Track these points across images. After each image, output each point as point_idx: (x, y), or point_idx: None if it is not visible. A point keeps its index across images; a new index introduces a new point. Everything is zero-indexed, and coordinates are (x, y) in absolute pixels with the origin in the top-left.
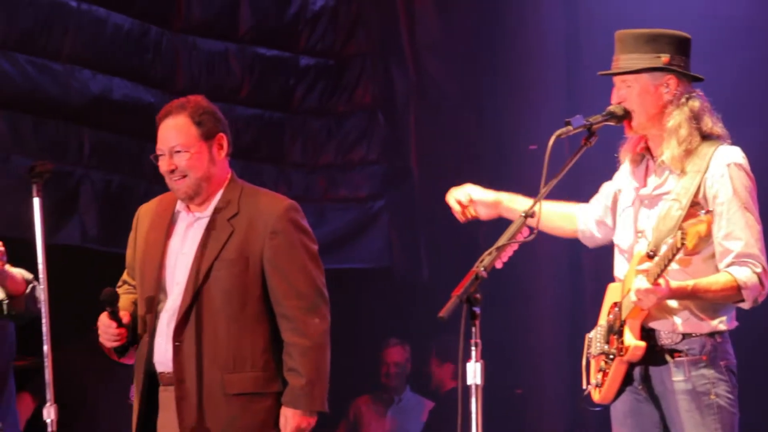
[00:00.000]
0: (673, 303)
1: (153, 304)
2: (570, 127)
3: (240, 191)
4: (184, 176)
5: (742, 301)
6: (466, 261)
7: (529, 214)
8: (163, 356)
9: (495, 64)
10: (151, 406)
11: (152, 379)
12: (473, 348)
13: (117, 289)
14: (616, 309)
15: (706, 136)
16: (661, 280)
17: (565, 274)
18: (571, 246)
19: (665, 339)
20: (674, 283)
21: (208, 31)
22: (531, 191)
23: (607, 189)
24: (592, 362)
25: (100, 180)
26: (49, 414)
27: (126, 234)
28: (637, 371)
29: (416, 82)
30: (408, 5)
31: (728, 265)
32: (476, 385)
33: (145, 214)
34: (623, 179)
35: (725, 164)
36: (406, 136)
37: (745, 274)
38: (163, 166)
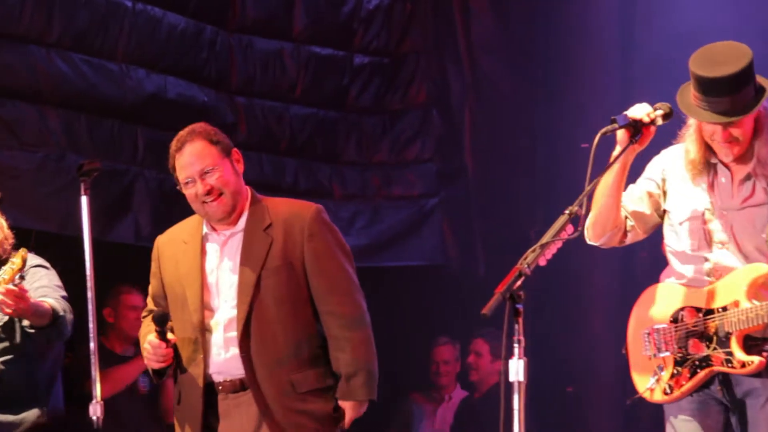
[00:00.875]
0: None
1: (201, 323)
2: (616, 125)
3: (265, 204)
4: (221, 194)
5: None
6: (520, 257)
7: (573, 213)
8: (222, 366)
9: (549, 63)
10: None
11: (208, 391)
12: (516, 345)
13: (146, 319)
14: (700, 315)
15: None
16: None
17: (617, 271)
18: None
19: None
20: None
21: (263, 31)
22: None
23: (650, 184)
24: (642, 359)
25: (153, 179)
26: (95, 411)
27: None
28: (716, 375)
29: (471, 80)
30: (463, 3)
31: None
32: (519, 382)
33: (165, 244)
34: (677, 177)
35: None
36: (460, 134)
37: None
38: (198, 189)
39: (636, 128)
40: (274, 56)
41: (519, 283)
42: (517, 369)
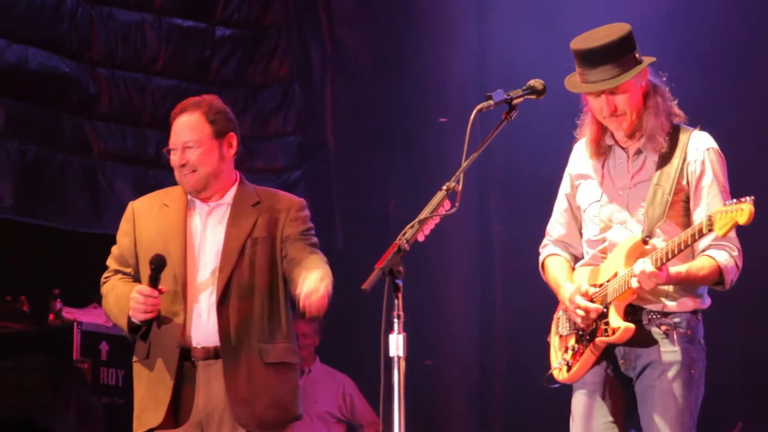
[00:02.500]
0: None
1: (184, 275)
2: (491, 102)
3: (254, 188)
4: (194, 171)
5: (721, 283)
6: (378, 231)
7: (451, 188)
8: (196, 331)
9: (409, 37)
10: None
11: (183, 355)
12: (396, 320)
13: (111, 278)
14: (595, 291)
15: (674, 124)
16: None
17: (475, 246)
18: (481, 218)
19: (650, 316)
20: (672, 269)
21: (124, 2)
22: (442, 163)
23: (564, 201)
24: (557, 341)
25: (15, 150)
26: None
27: (42, 204)
28: (616, 348)
29: (332, 54)
30: None
31: (706, 249)
32: (399, 357)
33: (142, 206)
34: (583, 171)
35: (704, 149)
36: (321, 107)
37: (724, 258)
38: (175, 160)
39: (510, 105)
40: (136, 27)
41: (398, 258)
42: (397, 343)
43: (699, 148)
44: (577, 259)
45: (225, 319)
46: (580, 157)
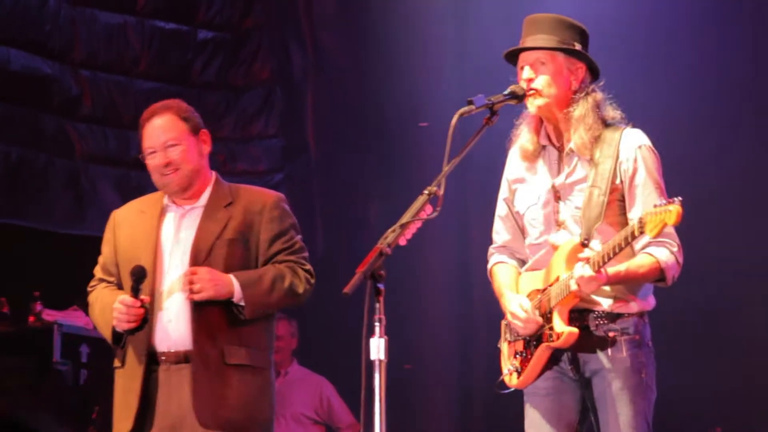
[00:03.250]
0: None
1: (152, 286)
2: (472, 106)
3: (228, 187)
4: (177, 169)
5: (663, 280)
6: (358, 235)
7: (432, 193)
8: (165, 336)
9: (389, 41)
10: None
11: (151, 359)
12: (377, 324)
13: (97, 287)
14: (538, 296)
15: (608, 124)
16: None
17: (453, 249)
18: (459, 220)
19: (597, 321)
20: (611, 269)
21: (107, 4)
22: (423, 166)
23: (504, 206)
24: (506, 348)
25: None
26: None
27: (25, 205)
28: (565, 353)
29: (313, 57)
30: None
31: (646, 246)
32: (380, 361)
33: (123, 214)
34: (519, 174)
35: (636, 147)
36: (303, 110)
37: (665, 255)
38: (158, 160)
39: (492, 110)
40: (118, 30)
41: (380, 262)
42: (378, 347)
43: (631, 146)
44: (524, 263)
45: (192, 322)
46: (515, 161)
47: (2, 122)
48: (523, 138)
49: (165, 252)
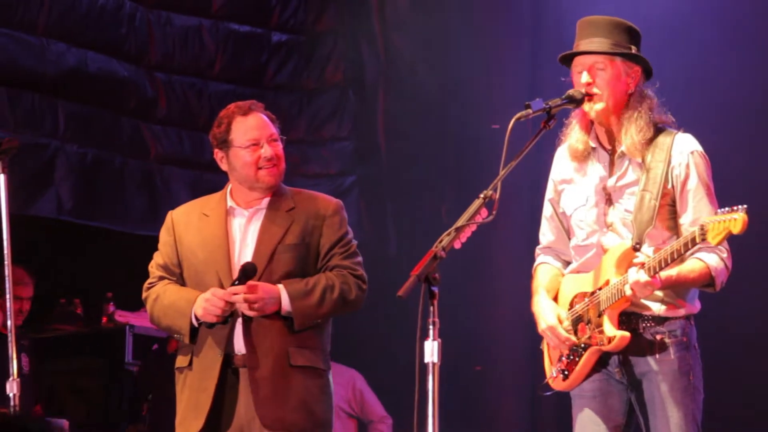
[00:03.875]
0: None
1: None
2: (530, 110)
3: (290, 191)
4: (276, 165)
5: (712, 286)
6: (430, 236)
7: (488, 197)
8: (238, 338)
9: (463, 44)
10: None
11: (225, 362)
12: (431, 327)
13: (158, 283)
14: (586, 299)
15: (660, 128)
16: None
17: (523, 252)
18: (529, 225)
19: (645, 324)
20: (663, 273)
21: (182, 6)
22: (494, 168)
23: (549, 207)
24: (552, 351)
25: (74, 153)
26: (12, 388)
27: (101, 207)
28: (613, 356)
29: (385, 59)
30: None
31: (696, 251)
32: (433, 363)
33: (181, 215)
34: (567, 175)
35: (688, 152)
36: (374, 113)
37: (715, 260)
38: (266, 152)
39: (549, 114)
40: (193, 32)
41: (434, 265)
42: (432, 350)
43: (683, 151)
44: (568, 264)
45: (257, 325)
46: (563, 162)
47: (79, 124)
48: (573, 138)
49: (234, 255)
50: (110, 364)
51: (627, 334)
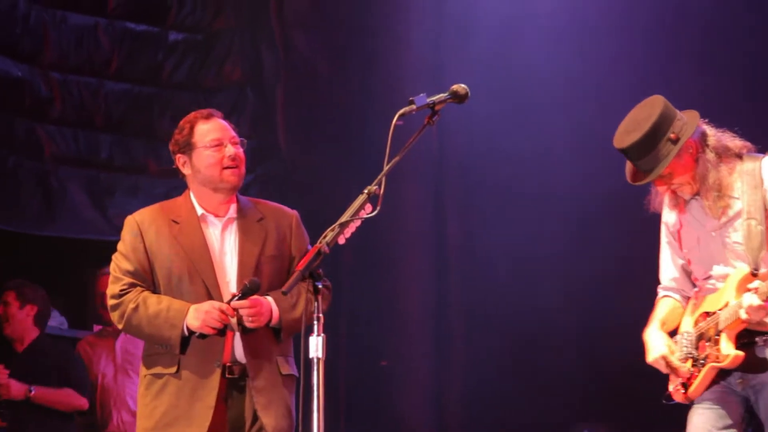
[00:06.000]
0: None
1: (220, 300)
2: (413, 106)
3: (247, 199)
4: (240, 165)
5: None
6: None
7: (372, 192)
8: (237, 349)
9: (362, 42)
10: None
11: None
12: (315, 322)
13: (131, 292)
14: (708, 319)
15: (740, 155)
16: None
17: (427, 246)
18: (433, 219)
19: (763, 340)
20: None
21: (78, 6)
22: (398, 165)
23: (667, 249)
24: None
25: None
26: None
27: None
28: (733, 371)
29: (284, 58)
30: None
31: None
32: (318, 358)
33: (150, 222)
34: (675, 220)
35: None
36: (274, 111)
37: None
38: (229, 152)
39: (433, 110)
40: (89, 32)
41: (318, 261)
42: (317, 345)
43: None
44: (689, 299)
45: (252, 335)
46: (669, 210)
47: None
48: (666, 211)
49: (217, 266)
50: None
51: (741, 353)
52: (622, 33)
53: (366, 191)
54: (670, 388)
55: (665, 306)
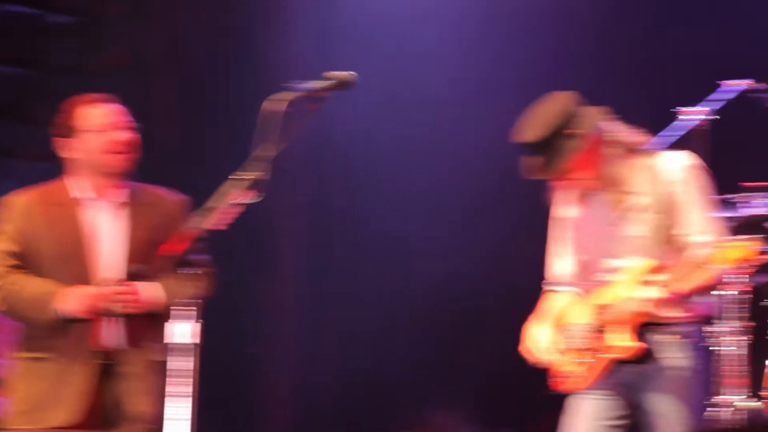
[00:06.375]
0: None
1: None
2: (294, 92)
3: (138, 187)
4: (134, 151)
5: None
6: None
7: (242, 177)
8: (111, 333)
9: (251, 25)
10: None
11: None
12: (193, 308)
13: (12, 271)
14: (606, 311)
15: (638, 150)
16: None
17: (302, 230)
18: (306, 203)
19: (654, 327)
20: (675, 288)
21: None
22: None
23: (561, 243)
24: (564, 354)
25: None
26: None
27: None
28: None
29: (170, 42)
30: None
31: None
32: (196, 345)
33: (29, 205)
34: (571, 212)
35: (677, 168)
36: (156, 99)
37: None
38: (122, 136)
39: (314, 97)
40: None
41: (188, 247)
42: (193, 332)
43: (671, 168)
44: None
45: (130, 320)
46: (565, 205)
47: None
48: (560, 206)
49: (100, 249)
50: None
51: (642, 344)
52: (510, 26)
53: (234, 176)
54: (561, 376)
55: (554, 300)
